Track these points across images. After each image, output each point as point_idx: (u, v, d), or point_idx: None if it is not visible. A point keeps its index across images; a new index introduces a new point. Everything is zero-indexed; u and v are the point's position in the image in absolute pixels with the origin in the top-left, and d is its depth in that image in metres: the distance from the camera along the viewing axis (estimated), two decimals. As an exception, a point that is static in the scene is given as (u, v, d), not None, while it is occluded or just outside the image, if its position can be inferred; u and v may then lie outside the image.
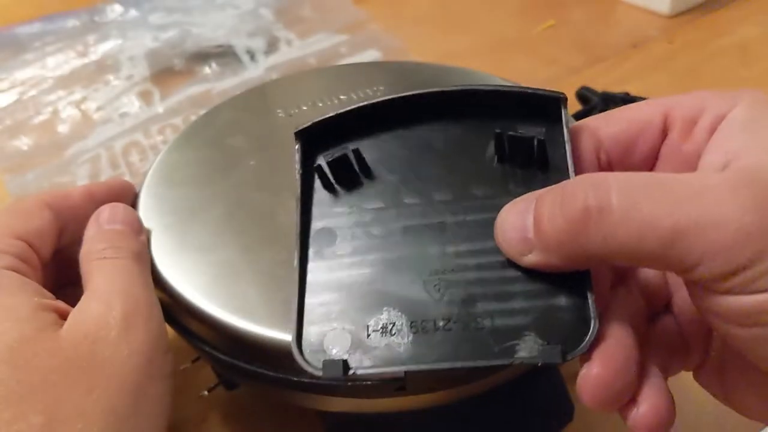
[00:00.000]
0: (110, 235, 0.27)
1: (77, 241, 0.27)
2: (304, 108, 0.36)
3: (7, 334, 0.22)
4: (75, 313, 0.23)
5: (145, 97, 0.51)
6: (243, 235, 0.29)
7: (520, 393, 0.29)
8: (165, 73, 0.53)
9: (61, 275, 0.28)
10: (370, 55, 0.54)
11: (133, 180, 0.44)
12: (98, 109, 0.50)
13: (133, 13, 0.58)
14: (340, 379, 0.21)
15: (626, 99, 0.44)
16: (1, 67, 0.54)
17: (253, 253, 0.28)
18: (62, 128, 0.49)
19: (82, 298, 0.24)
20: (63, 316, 0.23)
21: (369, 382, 0.25)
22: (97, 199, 0.29)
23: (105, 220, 0.27)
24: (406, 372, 0.21)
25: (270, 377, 0.26)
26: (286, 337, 0.25)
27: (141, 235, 0.28)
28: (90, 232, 0.27)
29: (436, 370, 0.21)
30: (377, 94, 0.36)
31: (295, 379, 0.26)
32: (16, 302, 0.23)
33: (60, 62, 0.55)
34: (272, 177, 0.32)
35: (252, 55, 0.54)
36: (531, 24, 0.58)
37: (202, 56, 0.54)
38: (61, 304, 0.24)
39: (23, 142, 0.48)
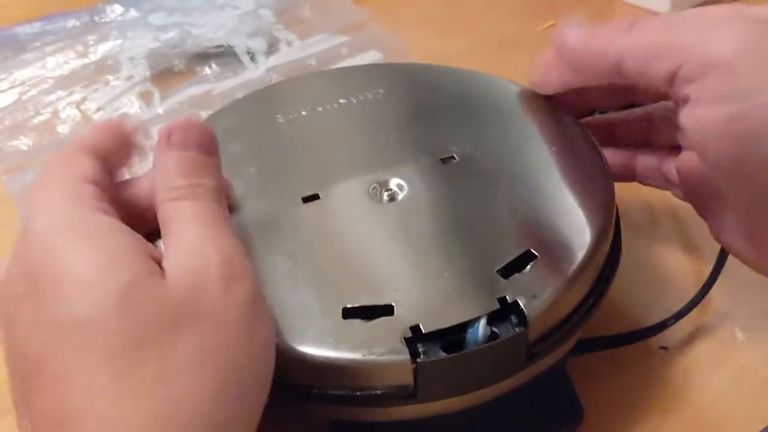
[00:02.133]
0: (187, 168, 0.24)
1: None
2: (304, 113, 0.35)
3: (120, 276, 0.21)
4: (172, 265, 0.22)
5: (145, 97, 0.51)
6: (245, 243, 0.29)
7: (529, 397, 0.29)
8: (165, 73, 0.53)
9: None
10: (371, 56, 0.54)
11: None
12: (98, 109, 0.50)
13: (133, 13, 0.58)
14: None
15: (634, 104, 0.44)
16: (1, 67, 0.54)
17: (256, 262, 0.28)
18: (62, 128, 0.49)
19: (171, 246, 0.23)
20: (156, 260, 0.22)
21: (378, 392, 0.25)
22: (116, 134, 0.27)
23: (178, 144, 0.24)
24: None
25: (277, 386, 0.26)
26: (294, 345, 0.25)
27: (215, 156, 0.25)
28: (163, 161, 0.24)
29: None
30: (377, 97, 0.36)
31: (303, 388, 0.26)
32: (124, 245, 0.22)
33: (60, 62, 0.54)
34: (274, 184, 0.31)
35: (252, 56, 0.54)
36: (531, 24, 0.58)
37: (202, 57, 0.54)
38: (156, 252, 0.23)
39: (23, 143, 0.48)
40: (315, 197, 0.30)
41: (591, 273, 0.29)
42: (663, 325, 0.34)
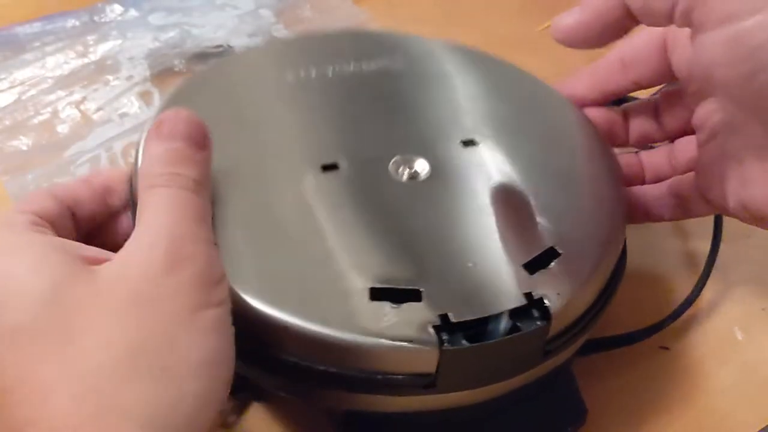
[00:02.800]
0: (169, 157, 0.25)
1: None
2: (316, 74, 0.33)
3: (44, 280, 0.22)
4: (120, 254, 0.23)
5: (145, 97, 0.51)
6: (265, 211, 0.27)
7: (533, 396, 0.29)
8: (165, 73, 0.53)
9: None
10: (371, 56, 0.53)
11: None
12: (98, 109, 0.50)
13: (133, 13, 0.58)
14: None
15: (627, 99, 0.44)
16: (1, 67, 0.54)
17: (275, 231, 0.27)
18: (62, 128, 0.49)
19: (132, 234, 0.24)
20: (94, 262, 0.23)
21: (399, 377, 0.25)
22: (95, 185, 0.28)
23: (166, 134, 0.25)
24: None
25: (291, 367, 0.25)
26: (318, 325, 0.24)
27: (204, 150, 0.26)
28: (148, 151, 0.25)
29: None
30: (396, 66, 0.34)
31: (321, 370, 0.25)
32: (47, 253, 0.23)
33: (60, 62, 0.54)
34: (290, 148, 0.30)
35: (252, 56, 0.54)
36: (531, 24, 0.58)
37: (202, 57, 0.54)
38: (89, 251, 0.24)
39: (22, 143, 0.48)
40: (334, 167, 0.29)
41: (605, 272, 0.28)
42: (661, 325, 0.34)
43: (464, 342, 0.24)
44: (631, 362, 0.34)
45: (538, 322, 0.25)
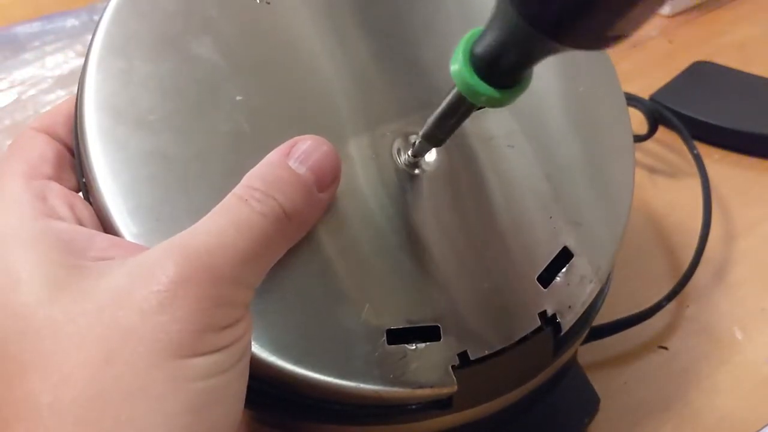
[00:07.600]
0: (278, 179, 0.21)
1: None
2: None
3: (23, 292, 0.19)
4: (137, 259, 0.19)
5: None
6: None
7: (547, 394, 0.29)
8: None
9: None
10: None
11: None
12: (98, 109, 0.50)
13: (132, 12, 0.58)
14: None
15: (626, 98, 0.44)
16: (1, 66, 0.54)
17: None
18: (62, 128, 0.49)
19: (185, 231, 0.19)
20: (102, 256, 0.20)
21: (414, 406, 0.23)
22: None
23: (296, 156, 0.21)
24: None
25: (291, 404, 0.23)
26: (332, 376, 0.22)
27: (325, 192, 0.22)
28: (266, 165, 0.21)
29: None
30: None
31: (333, 409, 0.23)
32: (28, 263, 0.19)
33: (59, 62, 0.54)
34: (267, 131, 0.23)
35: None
36: (531, 23, 0.58)
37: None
38: (101, 241, 0.20)
39: (23, 143, 0.48)
40: None
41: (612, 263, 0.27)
42: (658, 306, 0.34)
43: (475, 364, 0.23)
44: (631, 362, 0.34)
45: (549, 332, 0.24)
